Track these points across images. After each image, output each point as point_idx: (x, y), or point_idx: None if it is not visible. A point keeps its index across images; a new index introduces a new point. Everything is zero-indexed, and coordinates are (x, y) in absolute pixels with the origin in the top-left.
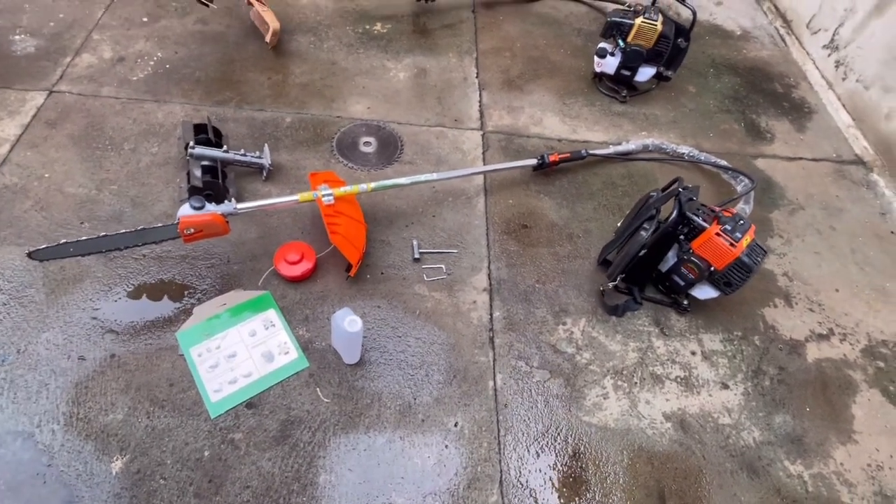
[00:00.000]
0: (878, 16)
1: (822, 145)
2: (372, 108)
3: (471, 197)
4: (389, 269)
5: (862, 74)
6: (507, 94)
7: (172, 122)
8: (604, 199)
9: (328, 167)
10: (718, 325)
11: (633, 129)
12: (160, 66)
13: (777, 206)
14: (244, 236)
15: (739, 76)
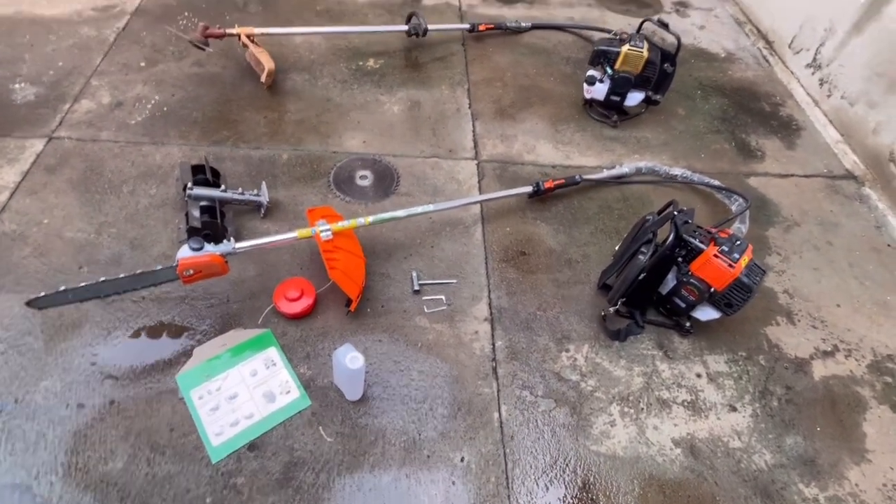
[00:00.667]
0: (857, 34)
1: (812, 161)
2: (367, 142)
3: (468, 226)
4: (390, 302)
5: (846, 91)
6: (500, 123)
7: (170, 164)
8: (600, 223)
9: (326, 202)
10: (722, 346)
11: (626, 152)
12: (158, 109)
13: (773, 224)
14: (244, 274)
15: (727, 97)
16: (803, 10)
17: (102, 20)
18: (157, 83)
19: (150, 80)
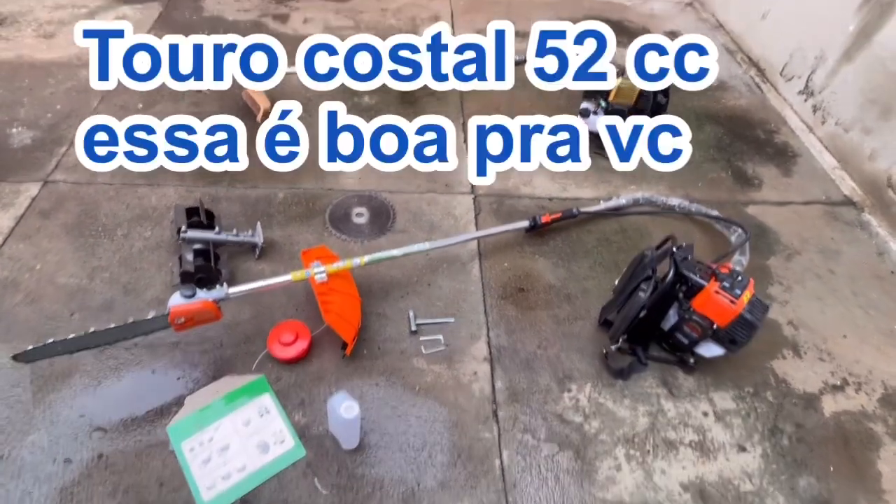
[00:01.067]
0: (847, 62)
1: (810, 188)
2: (363, 178)
3: (465, 262)
4: (386, 344)
5: (840, 118)
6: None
7: (166, 205)
8: (599, 256)
9: (321, 241)
10: (728, 382)
11: (623, 183)
12: None
13: (773, 253)
14: (238, 317)
15: (721, 125)
16: (793, 39)
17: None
18: None
19: None
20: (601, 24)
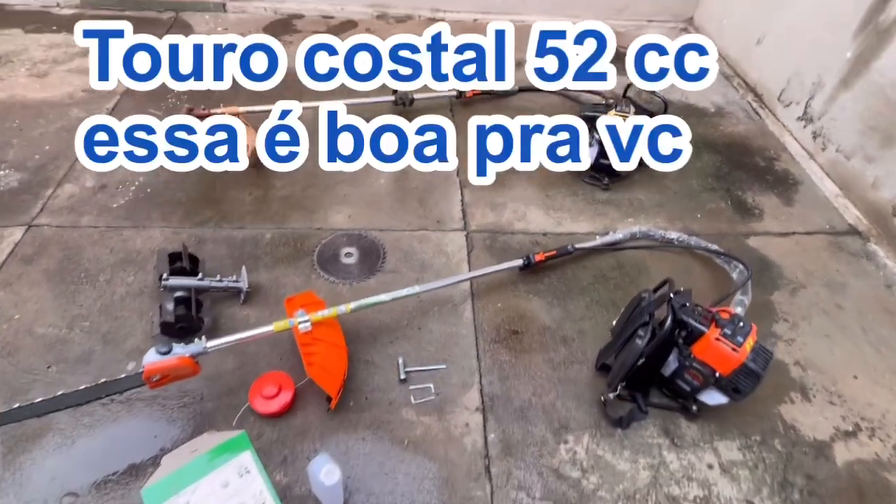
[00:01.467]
0: (845, 89)
1: (813, 217)
2: (353, 216)
3: (457, 304)
4: (374, 394)
5: (841, 145)
6: (490, 190)
7: (150, 249)
8: (595, 294)
9: (308, 283)
10: (734, 430)
11: (619, 216)
12: (141, 191)
13: (777, 287)
14: (220, 368)
15: (719, 153)
16: (789, 64)
17: (93, 101)
18: None
19: None
20: (601, 24)
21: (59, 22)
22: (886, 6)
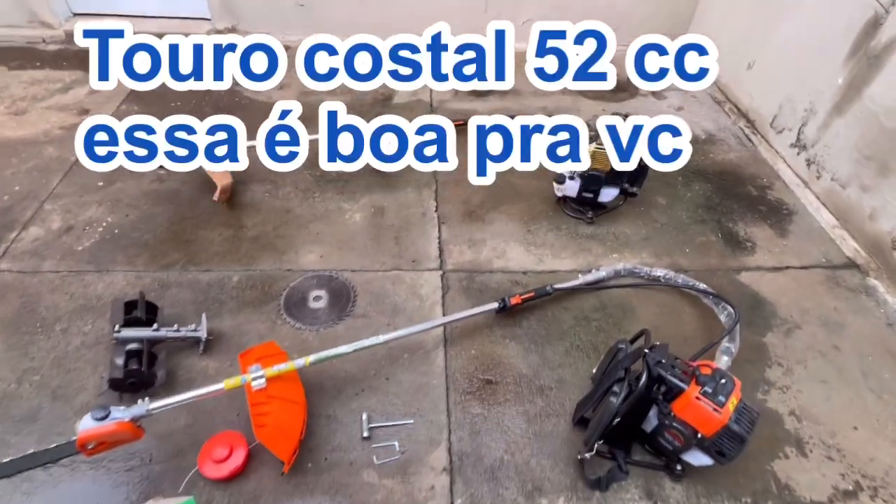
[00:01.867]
0: (838, 115)
1: (808, 250)
2: (325, 256)
3: (429, 351)
4: (334, 453)
5: (836, 173)
6: (469, 226)
7: (112, 294)
8: (576, 337)
9: (273, 331)
10: (723, 491)
11: (604, 251)
12: (108, 232)
13: (770, 328)
14: (172, 425)
15: (710, 182)
16: (781, 90)
17: (68, 139)
18: (112, 203)
19: (105, 201)
20: (601, 23)
21: (42, 58)
22: (877, 32)
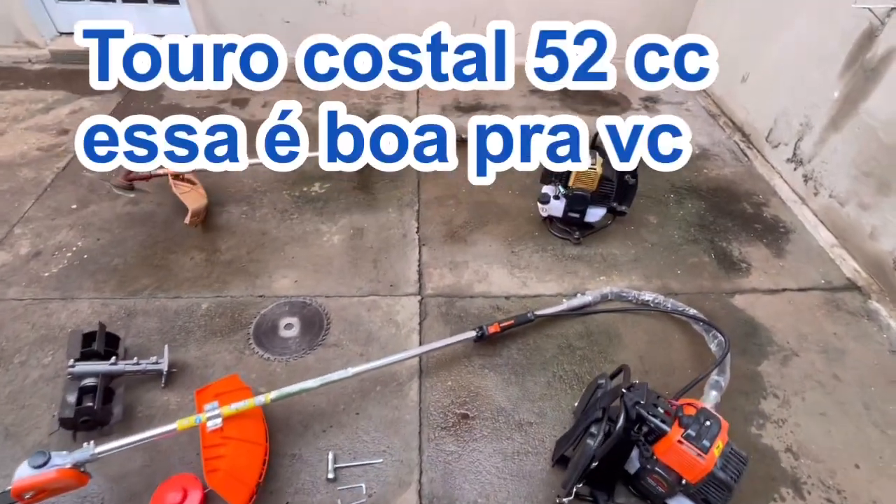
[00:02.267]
0: (834, 131)
1: (806, 271)
2: (299, 281)
3: (403, 383)
4: (297, 496)
5: (834, 190)
6: (450, 247)
7: (75, 323)
8: (559, 367)
9: (240, 362)
10: None
11: (591, 273)
12: (77, 257)
13: (766, 355)
14: (126, 466)
15: (703, 199)
16: (775, 103)
17: (44, 160)
18: (83, 227)
19: (77, 224)
20: (601, 23)
21: (26, 78)
22: (872, 44)
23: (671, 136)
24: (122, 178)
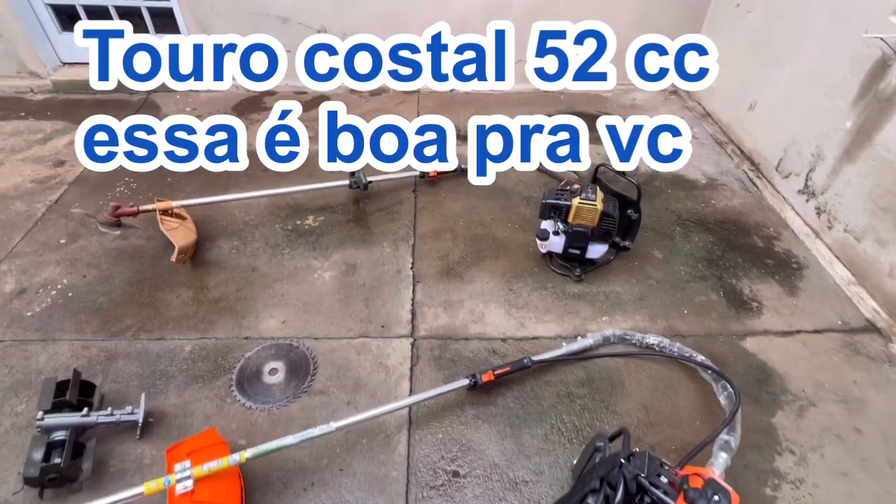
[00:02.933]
0: (848, 162)
1: (822, 311)
2: (287, 321)
3: (391, 434)
4: None
5: (849, 224)
6: (446, 285)
7: (54, 367)
8: (558, 418)
9: (221, 411)
10: None
11: (592, 313)
12: (62, 296)
13: (780, 405)
14: None
15: (711, 232)
16: (785, 132)
17: (38, 192)
18: (71, 263)
19: (64, 260)
20: (601, 24)
21: (28, 107)
22: (886, 73)
23: (671, 135)
24: (109, 213)
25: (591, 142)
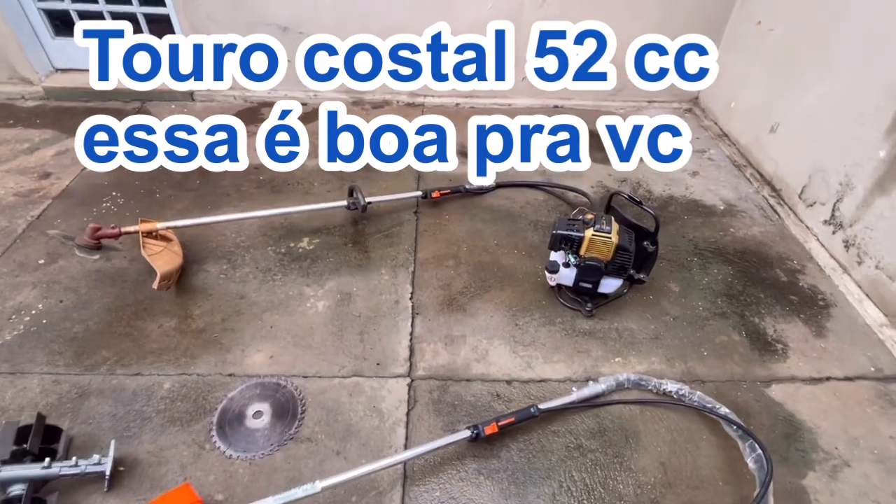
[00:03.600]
0: (882, 194)
1: (852, 355)
2: (275, 357)
3: (383, 492)
4: None
5: (881, 261)
6: (447, 317)
7: (20, 405)
8: (566, 475)
9: (198, 460)
10: None
11: (604, 353)
12: (35, 322)
13: (811, 465)
14: None
15: (730, 264)
16: (809, 158)
17: (20, 207)
18: (48, 286)
19: (41, 283)
20: (601, 24)
21: (17, 115)
22: None
23: (671, 136)
24: (89, 235)
25: (598, 161)
